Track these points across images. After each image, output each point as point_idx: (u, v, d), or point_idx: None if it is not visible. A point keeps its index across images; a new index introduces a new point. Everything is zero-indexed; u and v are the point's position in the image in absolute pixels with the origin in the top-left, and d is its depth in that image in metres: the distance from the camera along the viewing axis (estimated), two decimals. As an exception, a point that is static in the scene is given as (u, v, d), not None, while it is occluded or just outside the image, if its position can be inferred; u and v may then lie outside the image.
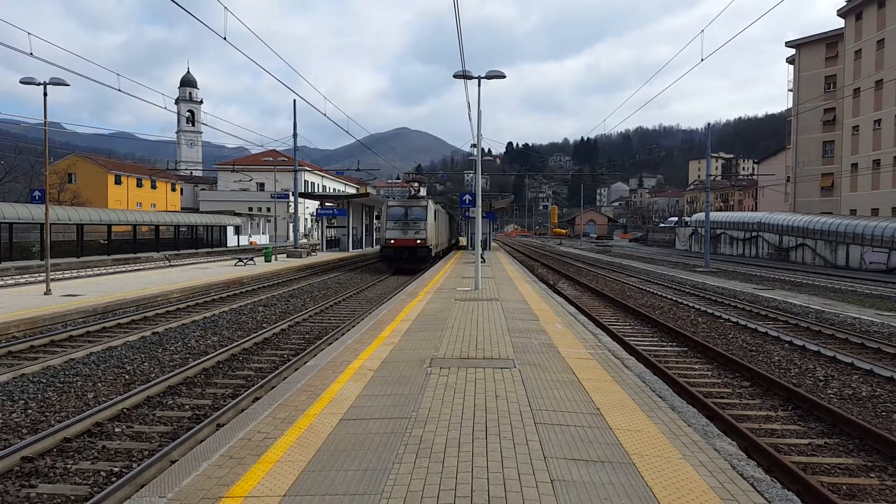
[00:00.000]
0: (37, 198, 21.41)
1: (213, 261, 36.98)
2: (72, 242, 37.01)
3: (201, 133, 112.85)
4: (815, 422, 7.85)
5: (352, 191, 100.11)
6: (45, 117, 17.94)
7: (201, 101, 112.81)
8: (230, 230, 60.68)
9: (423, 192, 53.07)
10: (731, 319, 16.20)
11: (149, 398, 8.07)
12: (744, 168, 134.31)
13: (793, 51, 63.35)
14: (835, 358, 11.48)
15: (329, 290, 22.32)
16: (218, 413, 7.25)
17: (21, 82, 17.32)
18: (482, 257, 20.86)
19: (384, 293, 21.18)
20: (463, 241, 67.03)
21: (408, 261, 29.93)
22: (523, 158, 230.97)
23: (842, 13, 55.48)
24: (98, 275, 26.49)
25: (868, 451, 6.84)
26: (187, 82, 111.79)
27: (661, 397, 6.70)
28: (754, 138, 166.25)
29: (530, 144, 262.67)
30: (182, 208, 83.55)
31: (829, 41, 59.00)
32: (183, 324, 14.00)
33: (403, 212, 30.55)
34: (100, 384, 8.90)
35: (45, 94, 17.47)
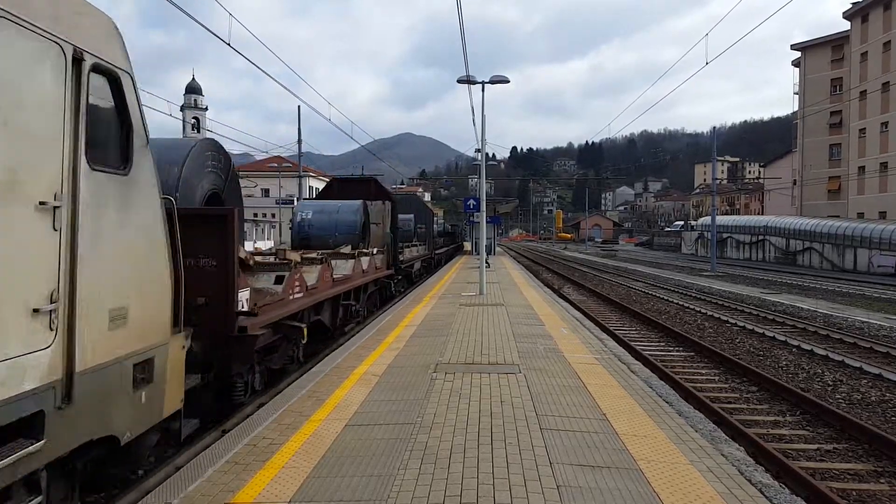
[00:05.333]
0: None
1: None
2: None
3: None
4: (824, 427, 7.79)
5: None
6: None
7: (206, 108, 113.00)
8: (236, 236, 60.64)
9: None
10: (738, 324, 16.12)
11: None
12: (750, 171, 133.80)
13: (798, 53, 63.29)
14: (843, 362, 11.40)
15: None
16: (224, 420, 7.24)
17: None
18: (487, 262, 20.81)
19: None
20: (467, 245, 67.01)
21: None
22: (528, 163, 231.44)
23: (847, 15, 55.36)
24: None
25: (878, 456, 6.79)
26: (193, 89, 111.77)
27: (667, 402, 6.66)
28: (760, 141, 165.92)
29: (535, 149, 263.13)
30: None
31: (835, 44, 58.88)
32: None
33: None
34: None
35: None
